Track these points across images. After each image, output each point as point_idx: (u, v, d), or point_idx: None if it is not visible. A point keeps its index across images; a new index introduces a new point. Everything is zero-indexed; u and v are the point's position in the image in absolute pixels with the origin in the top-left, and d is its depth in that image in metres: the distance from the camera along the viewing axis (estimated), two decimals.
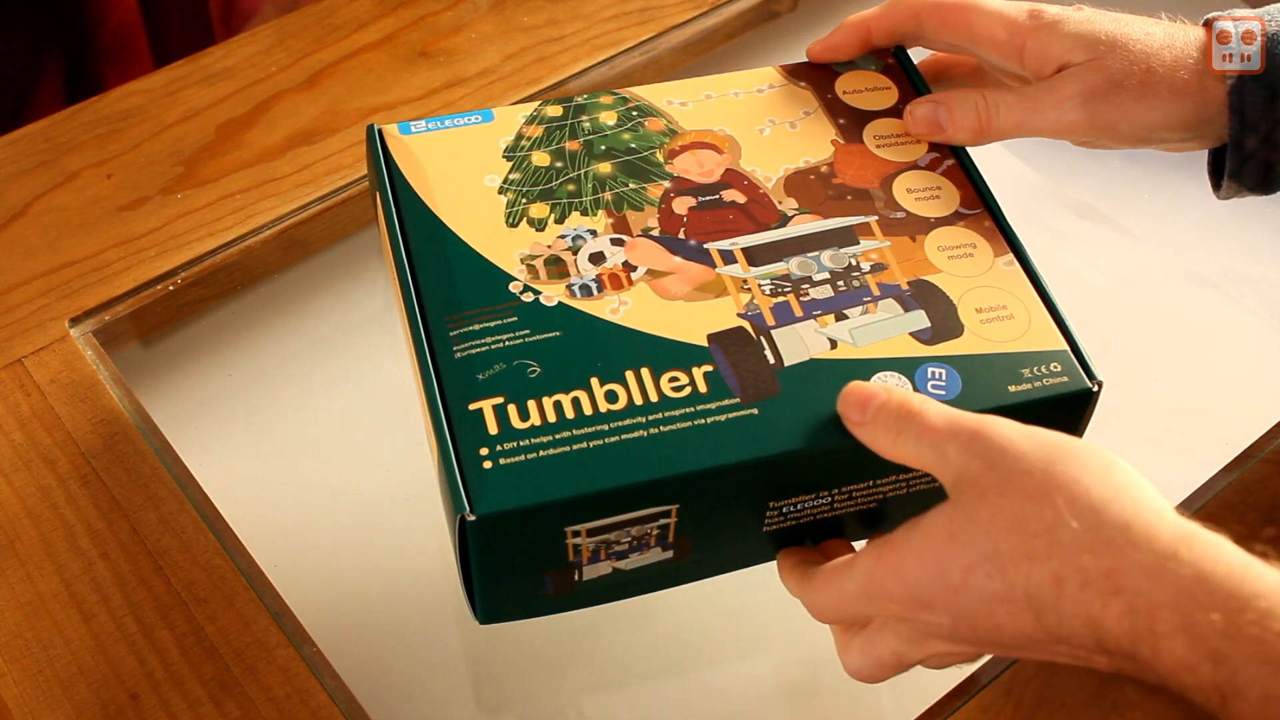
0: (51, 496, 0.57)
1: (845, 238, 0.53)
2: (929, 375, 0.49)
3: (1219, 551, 0.38)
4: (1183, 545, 0.38)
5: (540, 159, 0.55)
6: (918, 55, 0.61)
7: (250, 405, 0.70)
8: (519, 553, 0.47)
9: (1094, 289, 0.77)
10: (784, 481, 0.48)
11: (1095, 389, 0.49)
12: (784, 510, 0.49)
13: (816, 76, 0.59)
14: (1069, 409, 0.50)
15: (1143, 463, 0.67)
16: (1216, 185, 0.58)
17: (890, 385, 0.47)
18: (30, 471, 0.58)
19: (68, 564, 0.55)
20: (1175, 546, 0.38)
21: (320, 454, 0.68)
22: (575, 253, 0.52)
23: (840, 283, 0.51)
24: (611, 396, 0.47)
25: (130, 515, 0.56)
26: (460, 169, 0.54)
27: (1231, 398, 0.71)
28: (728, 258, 0.52)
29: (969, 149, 0.57)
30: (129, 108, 0.73)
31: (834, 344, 0.49)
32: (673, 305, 0.50)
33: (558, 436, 0.46)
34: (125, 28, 1.05)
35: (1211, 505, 0.57)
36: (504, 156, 0.55)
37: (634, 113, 0.57)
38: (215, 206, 0.68)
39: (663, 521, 0.47)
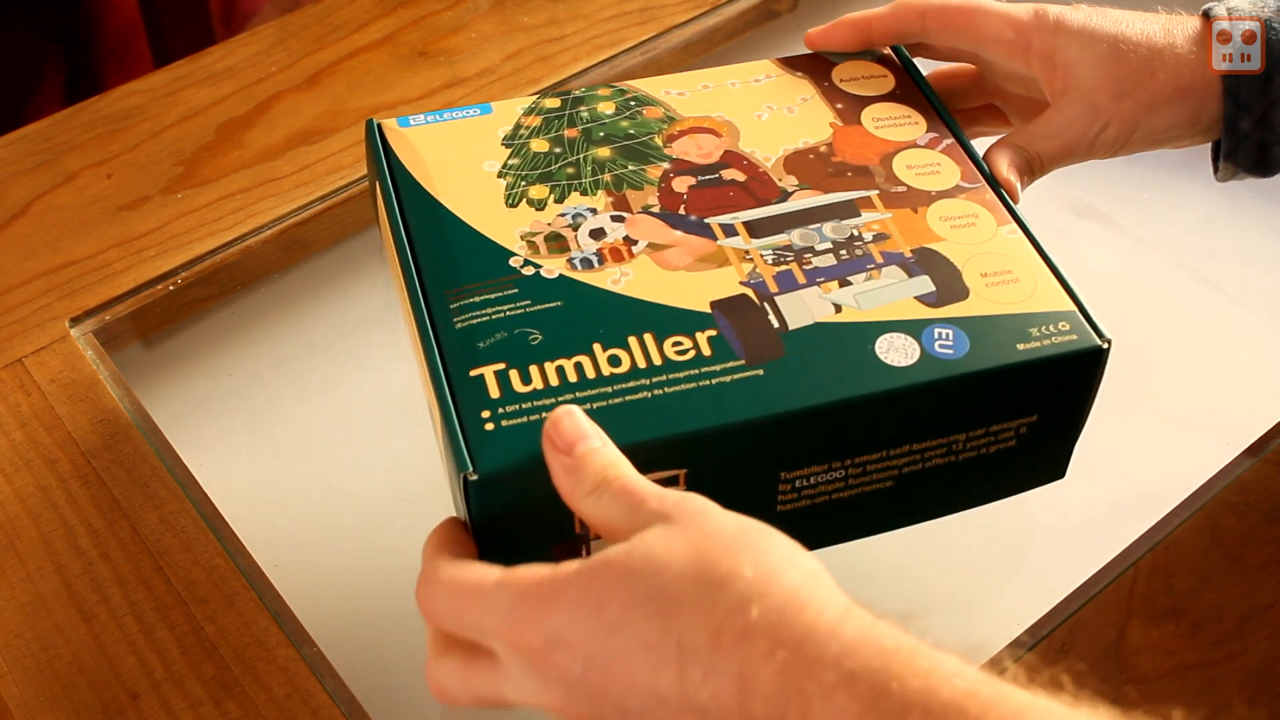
0: (51, 496, 0.57)
1: (847, 210, 0.52)
2: (936, 335, 0.48)
3: (884, 628, 0.36)
4: (851, 615, 0.36)
5: (539, 145, 0.55)
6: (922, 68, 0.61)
7: (250, 405, 0.70)
8: (524, 520, 0.46)
9: (1094, 288, 0.77)
10: (793, 445, 0.47)
11: (1105, 346, 0.49)
12: (797, 484, 0.48)
13: (813, 67, 0.59)
14: (1080, 368, 0.49)
15: (1143, 462, 0.68)
16: (1217, 167, 0.58)
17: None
18: (30, 471, 0.58)
19: (68, 564, 0.55)
20: (844, 614, 0.36)
21: (320, 454, 0.68)
22: (575, 229, 0.51)
23: (843, 252, 0.51)
24: (614, 361, 0.47)
25: (130, 515, 0.56)
26: (459, 156, 0.54)
27: (1231, 398, 0.71)
28: (729, 231, 0.51)
29: (966, 134, 0.57)
30: (129, 108, 0.73)
31: (838, 308, 0.49)
32: (674, 275, 0.50)
33: (560, 399, 0.45)
34: (125, 28, 1.05)
35: (1211, 505, 0.57)
36: (503, 144, 0.55)
37: (632, 103, 0.57)
38: (215, 206, 0.68)
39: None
